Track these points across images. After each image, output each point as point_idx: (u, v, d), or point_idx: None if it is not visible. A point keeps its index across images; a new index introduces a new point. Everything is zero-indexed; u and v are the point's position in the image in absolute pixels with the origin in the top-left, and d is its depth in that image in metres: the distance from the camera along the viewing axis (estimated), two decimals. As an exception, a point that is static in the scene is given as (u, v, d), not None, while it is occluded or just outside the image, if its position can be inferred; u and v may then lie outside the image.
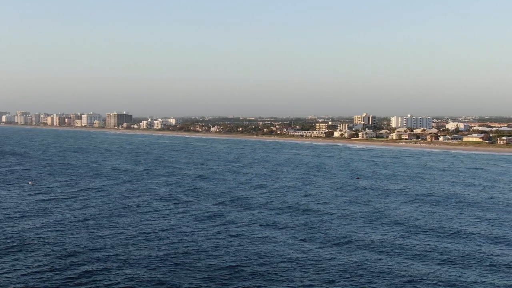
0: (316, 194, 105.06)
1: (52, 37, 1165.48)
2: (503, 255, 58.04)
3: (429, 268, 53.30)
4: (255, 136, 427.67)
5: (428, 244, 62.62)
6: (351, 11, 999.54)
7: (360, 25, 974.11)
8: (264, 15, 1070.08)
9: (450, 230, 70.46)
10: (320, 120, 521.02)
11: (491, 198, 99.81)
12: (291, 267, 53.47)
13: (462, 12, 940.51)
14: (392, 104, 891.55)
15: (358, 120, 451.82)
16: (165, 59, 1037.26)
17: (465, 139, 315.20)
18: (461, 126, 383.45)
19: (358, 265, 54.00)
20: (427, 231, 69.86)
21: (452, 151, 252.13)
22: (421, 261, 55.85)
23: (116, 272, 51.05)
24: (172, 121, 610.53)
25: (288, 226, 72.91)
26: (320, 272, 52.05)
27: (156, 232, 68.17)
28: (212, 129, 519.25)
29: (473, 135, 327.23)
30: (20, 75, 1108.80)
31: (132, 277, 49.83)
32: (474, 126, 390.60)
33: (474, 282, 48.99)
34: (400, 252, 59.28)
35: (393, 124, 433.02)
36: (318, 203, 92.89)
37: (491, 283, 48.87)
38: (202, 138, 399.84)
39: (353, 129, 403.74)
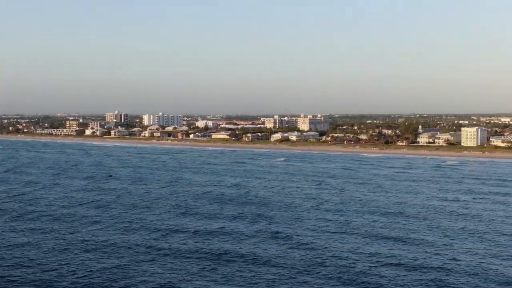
0: (119, 188, 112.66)
1: None
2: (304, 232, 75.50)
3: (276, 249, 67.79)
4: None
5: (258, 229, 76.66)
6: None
7: (134, 25, 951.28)
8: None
9: (260, 215, 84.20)
10: (70, 118, 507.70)
11: (283, 188, 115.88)
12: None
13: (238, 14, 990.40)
14: (144, 102, 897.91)
15: (110, 117, 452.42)
16: None
17: (214, 136, 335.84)
18: (210, 124, 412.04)
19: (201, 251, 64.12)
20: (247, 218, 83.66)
21: (219, 148, 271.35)
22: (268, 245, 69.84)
23: None
24: None
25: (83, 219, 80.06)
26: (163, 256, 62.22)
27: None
28: None
29: (221, 132, 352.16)
30: None
31: None
32: (222, 124, 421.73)
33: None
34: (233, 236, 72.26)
35: (146, 122, 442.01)
36: (138, 199, 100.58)
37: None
38: None
39: (105, 127, 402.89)
